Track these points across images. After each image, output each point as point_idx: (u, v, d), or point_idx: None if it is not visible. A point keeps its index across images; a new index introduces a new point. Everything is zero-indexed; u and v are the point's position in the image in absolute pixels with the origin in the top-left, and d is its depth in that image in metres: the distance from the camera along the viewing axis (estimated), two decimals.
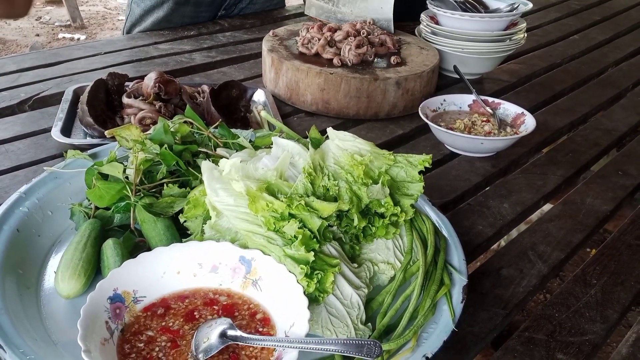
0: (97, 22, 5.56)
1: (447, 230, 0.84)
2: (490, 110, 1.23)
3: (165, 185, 0.82)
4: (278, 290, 0.67)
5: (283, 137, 0.86)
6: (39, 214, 0.82)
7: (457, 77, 1.46)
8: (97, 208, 0.83)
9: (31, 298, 0.71)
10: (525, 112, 1.21)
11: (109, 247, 0.74)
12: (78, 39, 5.00)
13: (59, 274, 0.71)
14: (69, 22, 5.37)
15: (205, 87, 1.18)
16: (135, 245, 0.78)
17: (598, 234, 1.03)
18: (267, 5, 1.98)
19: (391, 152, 0.81)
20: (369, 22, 1.43)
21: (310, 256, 0.66)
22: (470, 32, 1.43)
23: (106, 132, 0.98)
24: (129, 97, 1.13)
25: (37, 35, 5.12)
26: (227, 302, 0.69)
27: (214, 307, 0.68)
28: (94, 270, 0.73)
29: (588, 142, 1.28)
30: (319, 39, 1.33)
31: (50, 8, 5.77)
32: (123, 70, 1.33)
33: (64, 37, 5.07)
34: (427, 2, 1.52)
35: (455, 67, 1.46)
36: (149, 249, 0.74)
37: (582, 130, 1.35)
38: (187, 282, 0.70)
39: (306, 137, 0.92)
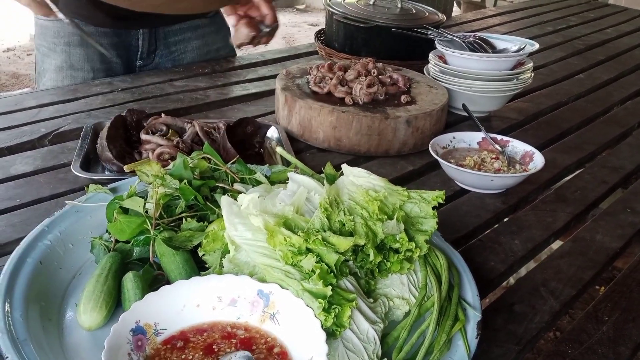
0: None
1: (460, 266, 0.85)
2: (499, 148, 1.26)
3: (184, 219, 0.85)
4: (296, 324, 0.68)
5: (298, 173, 0.88)
6: (60, 246, 0.84)
7: (466, 114, 1.49)
8: (117, 241, 0.85)
9: (53, 329, 0.72)
10: (534, 149, 1.23)
11: (130, 280, 0.76)
12: None
13: (80, 306, 0.72)
14: None
15: (221, 124, 1.21)
16: (154, 278, 0.80)
17: (606, 272, 1.04)
18: (206, 52, 1.79)
19: (405, 188, 0.83)
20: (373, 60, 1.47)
21: (328, 290, 0.67)
22: (478, 71, 1.47)
23: (125, 167, 1.01)
24: (146, 133, 1.16)
25: None
26: (244, 335, 0.70)
27: (232, 340, 0.70)
28: (115, 303, 0.75)
29: (596, 180, 1.30)
30: (331, 78, 1.37)
31: None
32: (139, 107, 1.36)
33: None
34: (435, 42, 1.56)
35: (464, 105, 1.49)
36: (168, 282, 0.75)
37: (590, 168, 1.37)
38: (206, 315, 0.71)
39: (319, 172, 0.95)
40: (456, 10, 5.35)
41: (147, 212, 0.83)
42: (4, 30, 6.10)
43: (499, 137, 1.29)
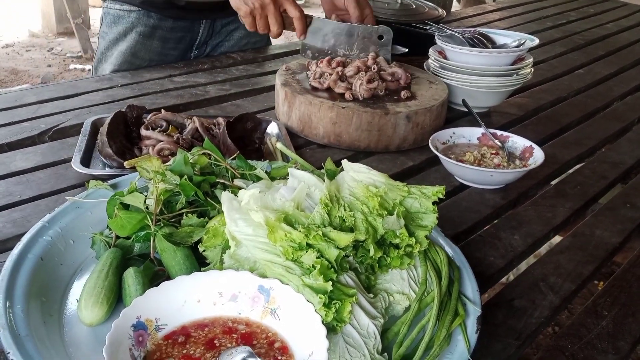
0: None
1: (459, 261, 0.85)
2: (499, 143, 1.26)
3: (184, 215, 0.85)
4: (296, 320, 0.68)
5: (298, 169, 0.88)
6: (61, 242, 0.84)
7: (466, 110, 1.49)
8: (117, 237, 0.85)
9: (54, 325, 0.72)
10: (534, 145, 1.23)
11: (130, 276, 0.76)
12: (89, 70, 5.09)
13: (82, 301, 0.73)
14: (80, 54, 5.48)
15: (221, 120, 1.21)
16: (155, 274, 0.80)
17: (605, 267, 1.04)
18: (244, 44, 1.90)
19: (405, 183, 0.83)
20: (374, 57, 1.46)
21: (329, 286, 0.68)
22: (478, 66, 1.47)
23: (126, 163, 1.01)
24: (146, 128, 1.16)
25: (49, 65, 5.21)
26: (245, 330, 0.71)
27: (233, 335, 0.70)
28: (116, 298, 0.75)
29: (596, 175, 1.30)
30: (331, 74, 1.36)
31: (62, 39, 5.89)
32: (139, 102, 1.36)
33: (75, 68, 5.16)
34: (435, 37, 1.56)
35: (463, 100, 1.49)
36: (169, 278, 0.76)
37: (590, 163, 1.37)
38: (207, 310, 0.71)
39: (319, 168, 0.95)
40: (456, 6, 5.34)
41: (147, 208, 0.83)
42: (3, 26, 6.09)
43: (498, 132, 1.29)
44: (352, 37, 1.49)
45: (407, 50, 1.64)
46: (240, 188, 0.86)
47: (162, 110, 1.23)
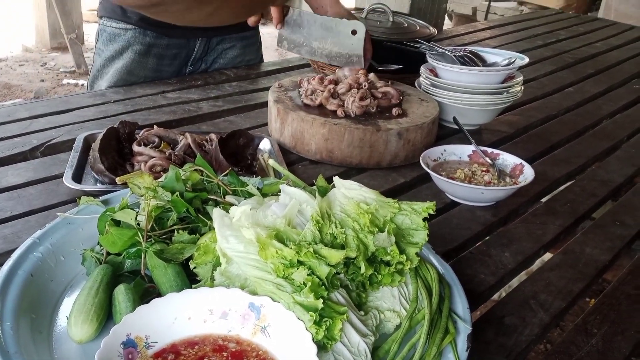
0: None
1: (450, 278, 0.86)
2: (489, 161, 1.27)
3: (175, 231, 0.85)
4: (287, 337, 0.68)
5: (290, 185, 0.88)
6: (52, 259, 0.83)
7: (457, 127, 1.51)
8: (108, 254, 0.84)
9: (44, 342, 0.72)
10: (524, 162, 1.24)
11: (121, 293, 0.76)
12: (82, 85, 5.10)
13: (72, 318, 0.72)
14: (73, 69, 5.49)
15: (213, 136, 1.21)
16: (145, 291, 0.80)
17: (595, 284, 1.05)
18: (238, 62, 1.91)
19: (396, 200, 0.84)
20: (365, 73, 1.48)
21: (319, 303, 0.68)
22: (468, 84, 1.48)
23: (117, 179, 1.01)
24: (139, 144, 1.16)
25: (42, 80, 5.21)
26: (236, 348, 0.70)
27: (223, 353, 0.70)
28: (106, 316, 0.75)
29: (585, 193, 1.31)
30: (322, 91, 1.38)
31: (56, 54, 5.89)
32: (132, 118, 1.37)
33: (68, 83, 5.17)
34: (426, 55, 1.58)
35: (454, 118, 1.50)
36: (159, 295, 0.75)
37: (579, 180, 1.38)
38: (197, 328, 0.71)
39: (311, 184, 0.95)
40: (447, 24, 5.40)
41: (138, 224, 0.83)
42: None
43: (489, 150, 1.30)
44: (327, 30, 1.52)
45: (401, 66, 1.67)
46: (231, 204, 0.86)
47: (155, 126, 1.23)
